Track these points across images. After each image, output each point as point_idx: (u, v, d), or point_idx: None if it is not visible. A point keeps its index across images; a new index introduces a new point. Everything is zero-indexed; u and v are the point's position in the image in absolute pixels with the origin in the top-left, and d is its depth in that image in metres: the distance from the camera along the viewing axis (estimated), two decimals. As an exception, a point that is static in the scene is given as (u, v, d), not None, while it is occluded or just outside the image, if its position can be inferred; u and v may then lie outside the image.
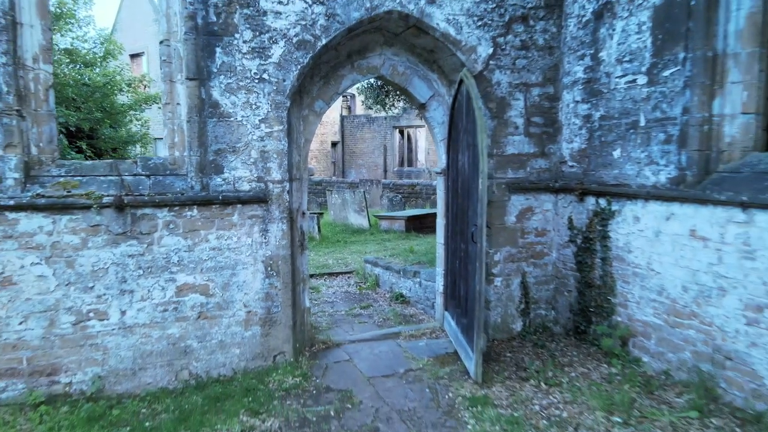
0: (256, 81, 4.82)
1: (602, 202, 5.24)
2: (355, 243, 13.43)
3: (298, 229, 5.38)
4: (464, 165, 5.14)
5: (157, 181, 4.72)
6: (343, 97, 33.49)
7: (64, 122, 11.27)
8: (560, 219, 5.83)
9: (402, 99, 17.55)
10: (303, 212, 5.51)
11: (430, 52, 5.71)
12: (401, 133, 30.19)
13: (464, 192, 5.17)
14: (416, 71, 5.85)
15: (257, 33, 4.78)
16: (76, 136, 12.29)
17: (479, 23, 5.42)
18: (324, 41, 4.95)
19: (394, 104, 18.71)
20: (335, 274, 9.94)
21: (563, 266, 5.82)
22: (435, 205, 8.78)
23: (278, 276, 5.01)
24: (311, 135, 5.56)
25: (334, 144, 31.90)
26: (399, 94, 15.63)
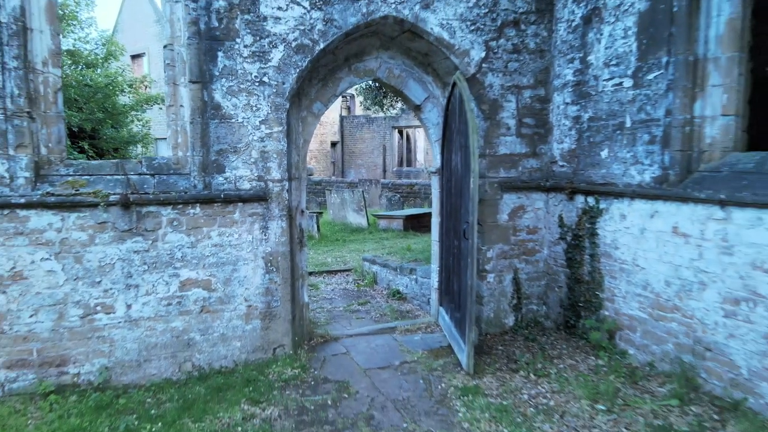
0: (257, 84, 5.01)
1: (591, 201, 5.42)
2: (354, 242, 13.61)
3: (297, 227, 5.57)
4: (457, 165, 5.32)
5: (162, 180, 4.90)
6: (343, 98, 33.64)
7: (67, 123, 11.44)
8: (551, 217, 6.02)
9: (399, 100, 17.75)
10: (302, 210, 5.69)
11: (425, 56, 5.90)
12: (400, 134, 30.35)
13: (457, 191, 5.36)
14: (411, 74, 6.04)
15: (257, 38, 4.97)
16: (79, 137, 12.48)
17: (472, 28, 5.60)
18: (322, 45, 5.14)
19: (393, 105, 18.90)
20: (334, 272, 10.12)
21: (554, 263, 6.00)
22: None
23: (278, 272, 5.20)
24: (309, 136, 5.75)
25: (334, 144, 32.05)
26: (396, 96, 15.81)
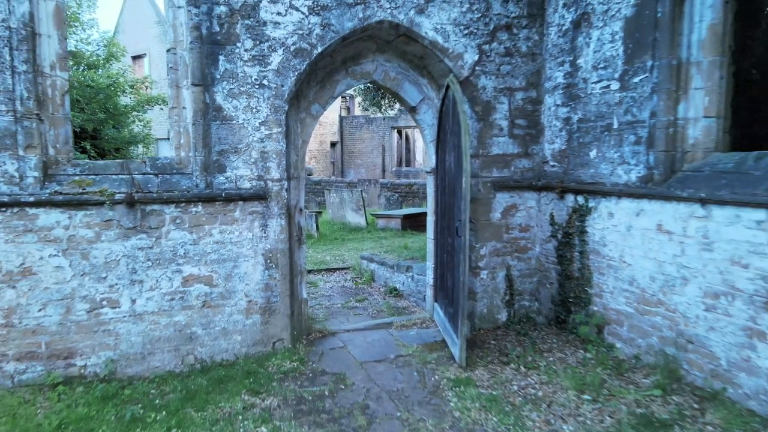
0: (257, 86, 5.18)
1: (580, 200, 5.60)
2: (353, 240, 13.79)
3: (296, 225, 5.75)
4: (450, 165, 5.50)
5: (165, 180, 5.08)
6: (342, 98, 33.81)
7: (70, 123, 11.62)
8: (543, 215, 6.19)
9: (396, 101, 17.94)
10: (300, 209, 5.87)
11: (420, 59, 6.07)
12: (399, 134, 30.55)
13: (450, 190, 5.53)
14: (407, 76, 6.21)
15: (257, 42, 5.14)
16: (81, 137, 12.66)
17: (465, 32, 5.78)
18: (320, 49, 5.31)
19: (391, 106, 19.10)
20: (332, 270, 10.29)
21: (546, 260, 6.18)
22: (428, 204, 9.12)
23: (277, 268, 5.37)
24: (308, 136, 5.93)
25: (333, 144, 32.22)
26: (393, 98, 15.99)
